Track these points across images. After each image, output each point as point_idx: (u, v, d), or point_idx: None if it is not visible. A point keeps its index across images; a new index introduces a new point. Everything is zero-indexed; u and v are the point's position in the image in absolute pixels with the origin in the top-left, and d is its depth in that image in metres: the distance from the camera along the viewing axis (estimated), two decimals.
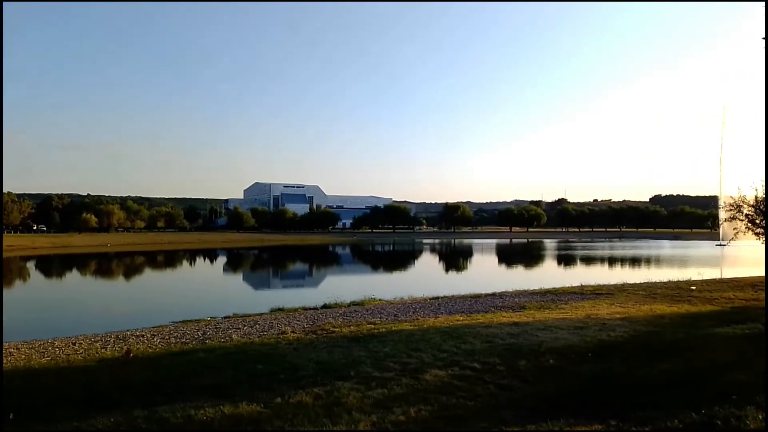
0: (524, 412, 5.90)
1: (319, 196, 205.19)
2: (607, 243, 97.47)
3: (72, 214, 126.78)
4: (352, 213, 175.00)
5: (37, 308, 25.14)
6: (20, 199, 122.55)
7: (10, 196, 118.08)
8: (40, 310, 24.33)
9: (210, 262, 60.77)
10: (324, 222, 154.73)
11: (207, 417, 5.66)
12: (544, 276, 37.41)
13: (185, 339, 12.41)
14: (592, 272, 38.26)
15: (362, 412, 5.84)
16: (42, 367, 9.15)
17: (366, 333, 11.41)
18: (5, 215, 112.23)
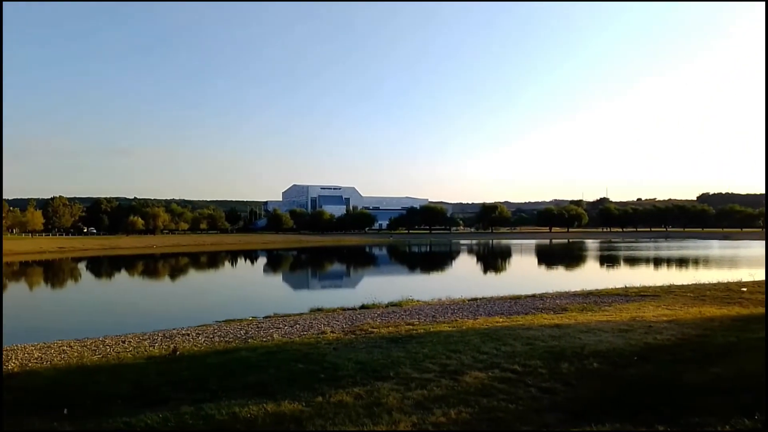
0: (567, 416, 5.81)
1: (355, 197, 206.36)
2: (652, 243, 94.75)
3: (120, 216, 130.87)
4: (388, 214, 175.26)
5: (88, 308, 26.07)
6: (71, 202, 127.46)
7: (62, 200, 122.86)
8: (91, 310, 25.23)
9: (251, 262, 61.81)
10: (360, 223, 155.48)
11: (251, 415, 5.79)
12: (585, 277, 36.65)
13: (228, 338, 12.70)
14: (636, 273, 37.35)
15: (402, 412, 5.88)
16: (94, 364, 9.51)
17: (404, 334, 11.44)
18: (57, 218, 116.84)
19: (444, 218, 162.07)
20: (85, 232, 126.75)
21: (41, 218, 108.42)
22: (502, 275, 44.22)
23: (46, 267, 52.14)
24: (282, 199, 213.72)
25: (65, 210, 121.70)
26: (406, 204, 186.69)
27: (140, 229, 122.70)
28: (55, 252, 70.02)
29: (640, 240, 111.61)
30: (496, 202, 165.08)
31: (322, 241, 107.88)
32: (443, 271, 49.48)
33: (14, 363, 10.25)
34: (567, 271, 46.51)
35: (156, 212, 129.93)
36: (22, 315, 23.62)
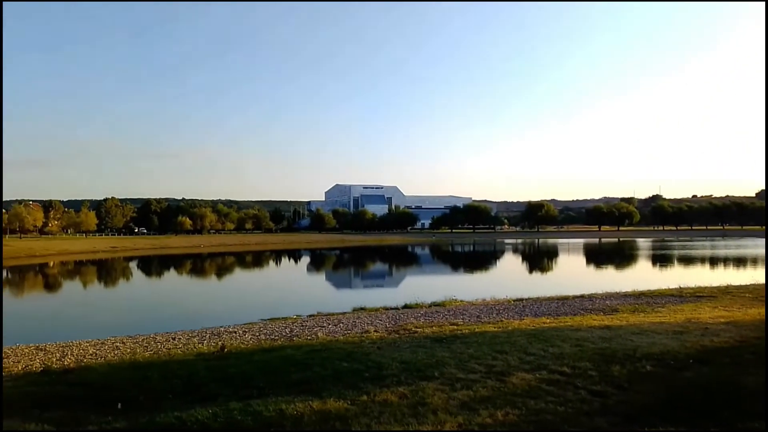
0: (618, 419, 5.64)
1: (397, 196, 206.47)
2: (708, 242, 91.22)
3: (169, 217, 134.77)
4: (431, 213, 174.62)
5: (138, 305, 26.92)
6: (123, 203, 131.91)
7: (114, 201, 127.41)
8: (142, 307, 26.03)
9: (294, 262, 62.67)
10: (403, 222, 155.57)
11: (297, 412, 5.83)
12: (637, 277, 35.58)
13: (274, 336, 12.89)
14: (691, 273, 36.03)
15: (448, 413, 5.81)
16: (146, 360, 9.79)
17: (449, 334, 11.35)
18: (110, 219, 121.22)
19: (488, 217, 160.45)
20: (136, 232, 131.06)
21: (95, 219, 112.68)
22: (549, 275, 43.43)
23: (99, 266, 54.15)
24: (325, 199, 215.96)
25: (117, 211, 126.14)
26: (449, 203, 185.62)
27: (188, 229, 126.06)
28: (108, 251, 72.66)
29: (695, 239, 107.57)
30: (542, 200, 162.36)
31: (365, 241, 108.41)
32: (487, 270, 48.94)
33: (70, 359, 10.66)
34: (617, 271, 45.26)
35: (203, 213, 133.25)
36: (76, 312, 24.60)
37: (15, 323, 21.23)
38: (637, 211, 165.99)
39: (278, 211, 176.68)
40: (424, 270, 49.98)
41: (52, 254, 65.06)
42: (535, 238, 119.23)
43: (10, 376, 8.64)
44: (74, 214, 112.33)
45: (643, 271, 43.23)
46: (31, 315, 23.85)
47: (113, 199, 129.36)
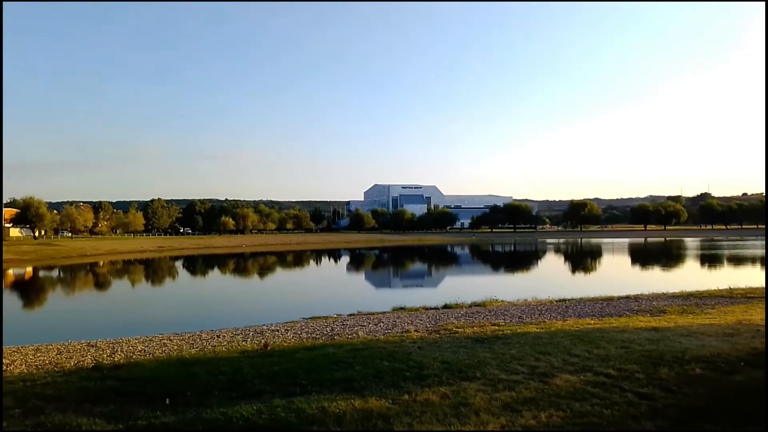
0: (667, 423, 5.53)
1: (436, 196, 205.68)
2: (758, 242, 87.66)
3: (212, 217, 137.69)
4: (471, 212, 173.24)
5: (184, 303, 27.62)
6: (169, 204, 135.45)
7: (160, 202, 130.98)
8: (188, 305, 26.69)
9: (334, 261, 63.14)
10: (442, 222, 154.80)
11: (339, 410, 5.88)
12: (685, 278, 34.43)
13: (315, 335, 13.03)
14: (741, 274, 34.70)
15: (490, 413, 5.77)
16: (192, 357, 10.04)
17: (490, 334, 11.26)
18: (156, 219, 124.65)
19: (529, 216, 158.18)
20: (181, 232, 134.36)
21: (142, 219, 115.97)
22: (592, 275, 42.50)
23: (146, 265, 55.78)
24: (364, 199, 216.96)
25: (163, 212, 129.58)
26: (489, 202, 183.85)
27: (231, 229, 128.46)
28: (155, 251, 74.77)
29: (746, 238, 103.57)
30: (585, 199, 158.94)
31: (403, 240, 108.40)
32: (528, 271, 48.24)
33: (120, 355, 11.02)
34: (664, 271, 43.92)
35: (245, 213, 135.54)
36: (125, 310, 25.39)
37: (67, 320, 22.11)
38: (685, 209, 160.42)
39: (318, 212, 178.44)
40: (464, 270, 49.63)
41: (101, 254, 67.34)
42: (578, 238, 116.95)
43: (63, 372, 8.97)
44: (123, 214, 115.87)
45: (691, 272, 41.82)
46: (82, 312, 24.75)
47: (160, 200, 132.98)
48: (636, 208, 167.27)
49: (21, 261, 53.70)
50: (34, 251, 60.86)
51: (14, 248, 60.75)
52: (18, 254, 57.13)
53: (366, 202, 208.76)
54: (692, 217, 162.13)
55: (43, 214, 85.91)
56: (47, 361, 10.31)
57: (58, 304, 28.09)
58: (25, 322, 22.59)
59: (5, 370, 9.21)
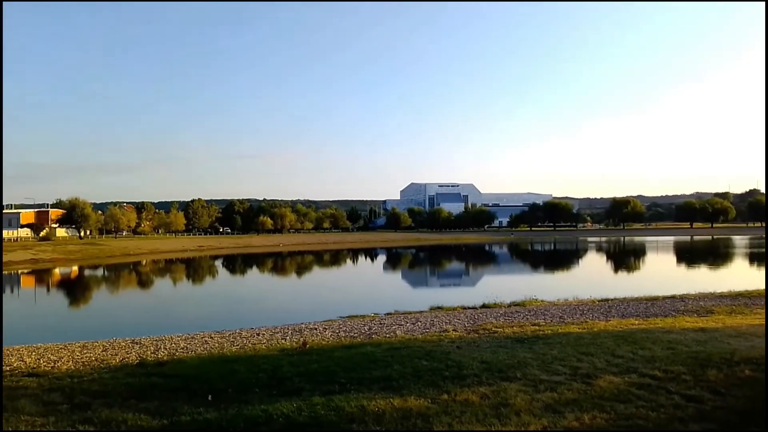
0: (715, 426, 5.36)
1: (474, 194, 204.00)
2: None
3: (251, 217, 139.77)
4: (509, 211, 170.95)
5: (224, 302, 28.14)
6: (208, 204, 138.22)
7: (200, 202, 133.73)
8: (227, 304, 27.19)
9: (371, 260, 63.32)
10: (479, 220, 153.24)
11: (378, 408, 5.87)
12: (733, 277, 33.24)
13: (353, 333, 13.07)
14: None
15: (531, 414, 5.66)
16: (233, 354, 10.20)
17: (530, 334, 11.08)
18: (196, 219, 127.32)
19: (569, 214, 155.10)
20: (220, 231, 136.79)
21: (183, 219, 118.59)
22: (636, 275, 41.47)
23: (187, 264, 57.04)
24: (400, 198, 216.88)
25: (203, 211, 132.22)
26: (528, 200, 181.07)
27: (269, 228, 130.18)
28: (195, 250, 76.38)
29: None
30: (628, 196, 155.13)
31: (440, 239, 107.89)
32: (569, 270, 47.40)
33: (163, 352, 11.27)
34: (711, 270, 42.49)
35: (283, 213, 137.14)
36: (167, 308, 26.01)
37: (112, 318, 22.78)
38: (733, 206, 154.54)
39: (355, 211, 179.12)
40: (502, 269, 49.10)
41: (144, 253, 69.16)
42: (621, 236, 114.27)
43: (109, 368, 9.22)
44: (164, 214, 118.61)
45: (740, 271, 40.34)
46: (126, 310, 25.48)
47: (200, 200, 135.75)
48: (681, 205, 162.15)
49: (67, 260, 55.63)
50: (79, 251, 62.92)
51: (60, 248, 62.95)
52: (64, 254, 59.20)
53: (402, 201, 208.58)
54: (740, 214, 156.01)
55: (88, 215, 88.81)
56: (93, 358, 10.61)
57: (102, 302, 28.99)
58: (72, 320, 23.39)
59: (53, 367, 9.50)
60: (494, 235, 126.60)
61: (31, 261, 51.63)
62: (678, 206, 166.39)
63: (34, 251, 56.78)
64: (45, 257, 54.72)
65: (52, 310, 26.00)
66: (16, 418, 5.94)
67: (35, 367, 9.48)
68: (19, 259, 51.39)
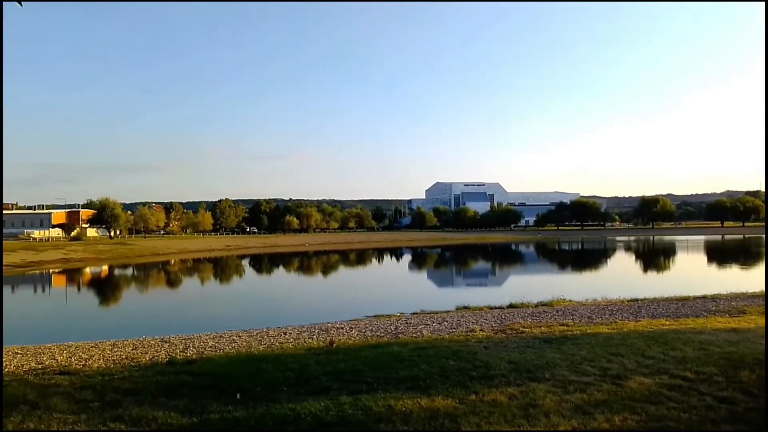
0: (747, 427, 5.27)
1: (500, 193, 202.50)
2: None
3: (277, 217, 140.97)
4: (535, 210, 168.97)
5: (251, 301, 28.43)
6: (235, 204, 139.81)
7: (227, 202, 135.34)
8: (255, 303, 27.47)
9: (396, 260, 63.31)
10: (505, 220, 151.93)
11: (406, 408, 5.87)
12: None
13: (379, 333, 13.08)
14: None
15: (561, 416, 5.60)
16: (260, 353, 10.29)
17: (558, 335, 10.95)
18: (224, 219, 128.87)
19: (597, 213, 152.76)
20: (247, 231, 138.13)
21: (210, 219, 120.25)
22: (666, 274, 40.69)
23: (215, 263, 57.77)
24: (425, 197, 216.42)
25: (230, 211, 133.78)
26: (555, 199, 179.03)
27: (295, 228, 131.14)
28: (223, 250, 77.32)
29: None
30: (657, 195, 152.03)
31: (466, 239, 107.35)
32: (597, 269, 46.72)
33: (192, 350, 11.42)
34: (743, 270, 41.47)
35: (309, 212, 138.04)
36: (196, 307, 26.38)
37: (141, 317, 23.19)
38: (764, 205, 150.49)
39: (380, 210, 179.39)
40: (529, 269, 48.65)
41: (173, 252, 70.25)
42: (650, 236, 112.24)
43: (139, 366, 9.37)
44: (192, 214, 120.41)
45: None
46: (155, 309, 25.93)
47: (227, 200, 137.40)
48: (712, 204, 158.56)
49: (98, 260, 56.81)
50: (109, 250, 64.22)
51: (91, 247, 64.33)
52: (95, 253, 60.47)
53: (428, 200, 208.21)
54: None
55: (118, 215, 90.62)
56: (124, 356, 10.78)
57: (132, 301, 29.54)
58: (102, 318, 23.88)
59: (85, 365, 9.68)
60: (520, 235, 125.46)
61: (62, 260, 52.85)
62: (708, 205, 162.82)
63: (65, 251, 58.14)
64: (76, 257, 55.98)
65: (82, 308, 26.58)
66: (49, 415, 6.05)
67: (67, 365, 9.66)
68: (51, 258, 52.64)
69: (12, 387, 7.57)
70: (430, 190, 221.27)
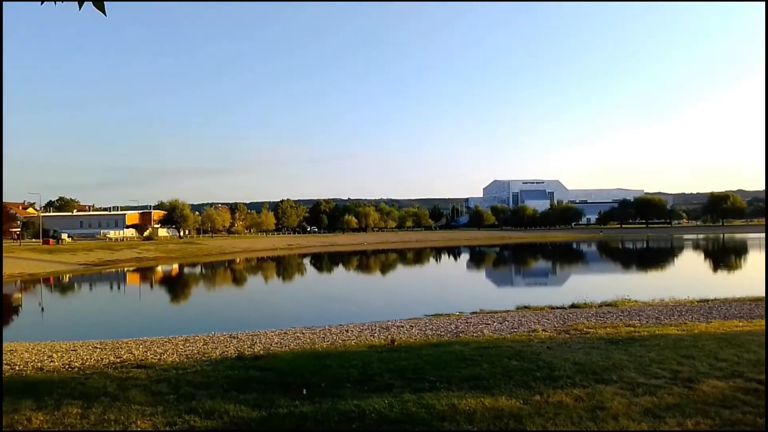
0: None
1: (560, 191, 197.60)
2: None
3: (336, 216, 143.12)
4: (597, 207, 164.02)
5: (313, 299, 28.99)
6: (296, 204, 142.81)
7: (289, 203, 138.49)
8: (316, 301, 28.00)
9: (454, 258, 62.95)
10: (566, 218, 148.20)
11: (469, 407, 5.88)
12: None
13: (440, 331, 13.10)
14: None
15: (630, 419, 5.48)
16: (324, 350, 10.51)
17: (625, 336, 10.65)
18: (285, 219, 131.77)
19: (663, 211, 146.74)
20: (308, 230, 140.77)
21: (273, 219, 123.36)
22: (738, 274, 38.69)
23: (277, 262, 59.20)
24: (483, 196, 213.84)
25: (292, 211, 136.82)
26: (618, 196, 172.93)
27: (354, 227, 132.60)
28: (285, 249, 79.16)
29: None
30: (727, 191, 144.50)
31: (525, 237, 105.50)
32: (663, 269, 44.95)
33: (259, 346, 11.78)
34: None
35: (367, 212, 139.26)
36: (261, 304, 27.15)
37: (210, 313, 24.08)
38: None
39: (437, 209, 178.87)
40: (591, 268, 47.35)
41: (238, 251, 72.48)
42: (720, 233, 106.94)
43: (210, 361, 9.75)
44: (256, 215, 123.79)
45: None
46: (223, 306, 26.84)
47: (288, 200, 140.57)
48: None
49: (168, 258, 59.30)
50: (179, 249, 66.92)
51: (162, 247, 67.23)
52: (165, 252, 63.16)
53: (485, 198, 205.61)
54: None
55: (187, 216, 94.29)
56: (195, 351, 11.22)
57: (201, 298, 30.70)
58: (173, 315, 24.96)
59: (159, 359, 10.15)
60: (582, 233, 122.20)
61: (136, 259, 55.54)
62: None
63: (138, 250, 61.05)
64: (148, 255, 58.68)
65: (155, 305, 27.86)
66: (128, 407, 6.35)
67: (143, 359, 10.14)
68: (126, 257, 55.42)
69: (93, 380, 8.01)
70: (488, 189, 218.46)
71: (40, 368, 9.58)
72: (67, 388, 7.32)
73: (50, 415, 6.07)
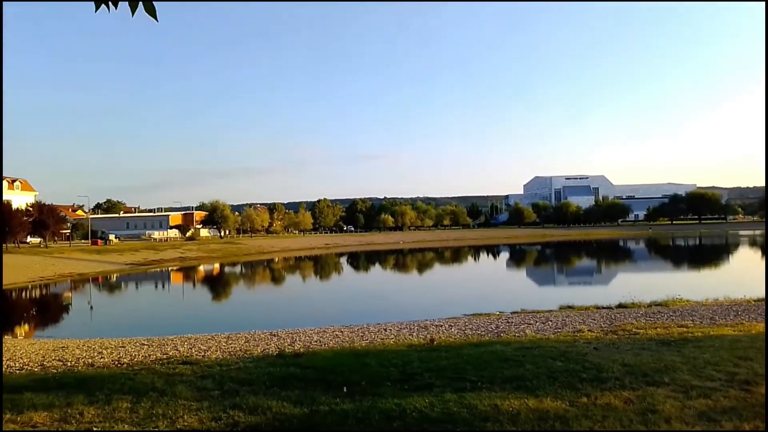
0: None
1: (605, 186, 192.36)
2: None
3: (372, 215, 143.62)
4: (646, 203, 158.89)
5: (350, 297, 29.11)
6: (333, 204, 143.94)
7: (325, 202, 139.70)
8: (354, 299, 28.09)
9: (493, 257, 62.25)
10: (612, 214, 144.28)
11: (513, 408, 5.71)
12: None
13: (480, 331, 12.87)
14: None
15: (683, 422, 5.20)
16: (363, 348, 10.46)
17: (677, 336, 10.23)
18: (322, 218, 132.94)
19: (717, 206, 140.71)
20: (344, 229, 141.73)
21: (310, 218, 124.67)
22: None
23: (315, 261, 59.73)
24: (523, 193, 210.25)
25: (329, 211, 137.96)
26: (668, 191, 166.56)
27: (390, 226, 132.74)
28: (322, 248, 79.91)
29: None
30: None
31: (568, 235, 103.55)
32: (717, 267, 43.29)
33: (299, 344, 11.84)
34: None
35: (404, 210, 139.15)
36: (299, 302, 27.40)
37: (251, 311, 24.42)
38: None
39: (475, 207, 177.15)
40: (639, 266, 46.04)
41: (276, 251, 73.51)
42: None
43: (252, 358, 9.84)
44: (293, 214, 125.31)
45: None
46: (263, 304, 27.20)
47: (325, 200, 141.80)
48: None
49: (209, 258, 60.59)
50: (220, 249, 68.32)
51: (204, 247, 68.80)
52: (207, 252, 64.58)
53: (526, 195, 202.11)
54: None
55: (227, 216, 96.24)
56: (238, 348, 11.38)
57: (241, 296, 31.21)
58: (216, 313, 25.42)
59: (204, 356, 10.30)
60: (629, 230, 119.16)
61: (179, 259, 56.97)
62: None
63: (181, 250, 62.60)
64: (191, 255, 60.10)
65: (198, 303, 28.45)
66: (175, 402, 6.46)
67: (188, 356, 10.34)
68: (169, 257, 56.92)
69: (141, 375, 8.19)
70: (529, 185, 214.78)
71: (91, 364, 9.85)
72: (117, 384, 7.50)
73: (101, 409, 6.21)
